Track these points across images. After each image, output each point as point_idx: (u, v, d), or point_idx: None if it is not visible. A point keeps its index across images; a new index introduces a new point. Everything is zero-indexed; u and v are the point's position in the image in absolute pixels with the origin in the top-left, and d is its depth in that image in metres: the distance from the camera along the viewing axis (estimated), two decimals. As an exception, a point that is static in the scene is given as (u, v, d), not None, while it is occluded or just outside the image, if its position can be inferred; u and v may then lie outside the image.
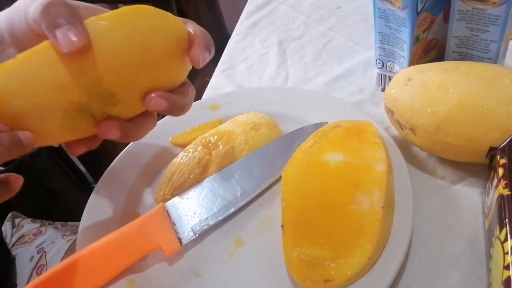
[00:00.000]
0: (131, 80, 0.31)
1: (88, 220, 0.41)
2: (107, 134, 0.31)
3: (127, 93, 0.31)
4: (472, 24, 0.41)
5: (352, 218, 0.34)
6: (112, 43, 0.29)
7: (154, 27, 0.31)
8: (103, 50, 0.29)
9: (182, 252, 0.38)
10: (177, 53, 0.32)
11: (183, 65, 0.33)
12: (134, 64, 0.30)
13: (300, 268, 0.33)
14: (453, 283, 0.33)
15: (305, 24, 0.65)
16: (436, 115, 0.37)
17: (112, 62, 0.29)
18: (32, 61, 0.28)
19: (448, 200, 0.39)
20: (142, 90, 0.32)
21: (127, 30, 0.30)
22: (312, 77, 0.56)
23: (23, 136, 0.27)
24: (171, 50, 0.32)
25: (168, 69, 0.32)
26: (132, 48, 0.30)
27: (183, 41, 0.32)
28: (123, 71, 0.30)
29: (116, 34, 0.29)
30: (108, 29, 0.29)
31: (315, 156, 0.39)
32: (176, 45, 0.32)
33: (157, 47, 0.31)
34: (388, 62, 0.48)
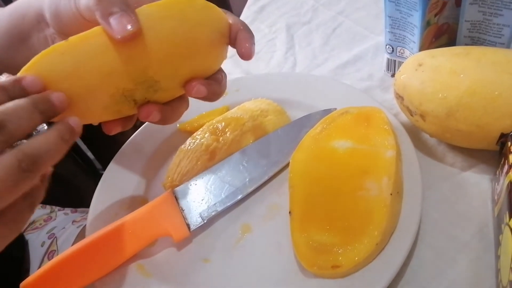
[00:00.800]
0: (174, 70, 0.32)
1: (97, 207, 0.41)
2: (149, 118, 0.33)
3: (169, 82, 0.32)
4: (485, 8, 0.41)
5: (360, 204, 0.34)
6: (160, 33, 0.30)
7: (200, 20, 0.31)
8: (152, 39, 0.29)
9: (190, 237, 0.38)
10: (219, 44, 0.33)
11: (221, 55, 0.35)
12: (179, 55, 0.31)
13: (308, 254, 0.33)
14: (461, 270, 0.33)
15: (313, 8, 0.64)
16: (447, 101, 0.36)
17: (158, 51, 0.30)
18: (84, 46, 0.29)
19: (457, 186, 0.38)
20: (183, 79, 0.33)
21: (175, 22, 0.30)
22: (321, 63, 0.55)
23: (73, 123, 0.28)
24: (214, 43, 0.33)
25: (209, 59, 0.34)
26: (178, 39, 0.30)
27: (224, 34, 0.33)
28: (168, 61, 0.31)
29: (164, 24, 0.30)
30: (157, 19, 0.30)
31: (323, 142, 0.39)
32: (219, 38, 0.33)
33: (201, 40, 0.32)
34: (398, 47, 0.47)
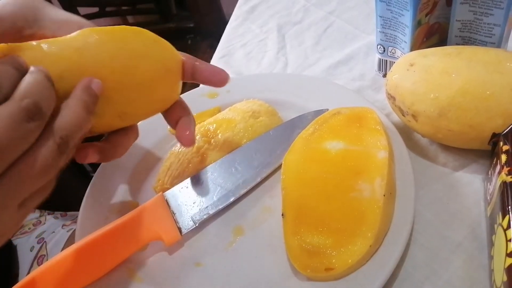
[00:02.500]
0: (109, 96, 0.30)
1: (87, 210, 0.41)
2: (86, 159, 0.32)
3: (103, 107, 0.30)
4: (475, 7, 0.41)
5: (353, 206, 0.34)
6: (96, 57, 0.29)
7: (142, 52, 0.31)
8: (86, 62, 0.29)
9: (182, 241, 0.37)
10: (163, 80, 0.32)
11: (169, 92, 0.34)
12: (115, 81, 0.30)
13: (301, 257, 0.33)
14: (455, 270, 0.33)
15: (304, 8, 0.64)
16: (439, 101, 0.36)
17: (93, 74, 0.29)
18: None
19: (449, 187, 0.38)
20: (119, 109, 0.31)
21: (114, 48, 0.29)
22: (312, 63, 0.55)
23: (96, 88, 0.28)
24: (155, 78, 0.31)
25: (152, 94, 0.32)
26: (114, 67, 0.29)
27: (172, 70, 0.33)
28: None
29: (102, 49, 0.29)
30: (97, 43, 0.29)
31: (315, 143, 0.39)
32: (163, 73, 0.32)
33: (141, 71, 0.31)
34: (390, 47, 0.47)
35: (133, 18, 1.60)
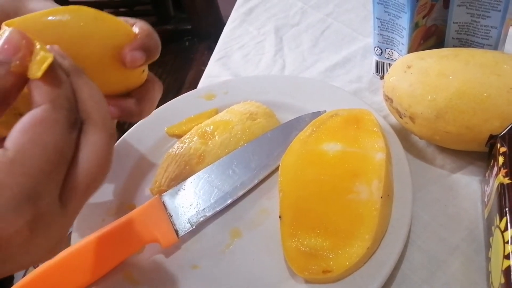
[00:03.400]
0: None
1: (84, 212, 0.40)
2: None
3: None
4: (472, 9, 0.41)
5: (351, 208, 0.34)
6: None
7: (85, 33, 0.27)
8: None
9: (179, 244, 0.37)
10: (114, 61, 0.29)
11: (126, 73, 0.30)
12: None
13: (298, 259, 0.33)
14: (452, 272, 0.33)
15: (302, 10, 0.64)
16: (436, 103, 0.36)
17: None
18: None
19: (447, 189, 0.38)
20: None
21: (55, 35, 0.26)
22: (310, 65, 0.55)
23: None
24: (104, 59, 0.29)
25: (103, 77, 0.29)
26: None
27: (122, 48, 0.29)
28: None
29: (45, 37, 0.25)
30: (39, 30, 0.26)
31: (313, 145, 0.39)
32: (111, 54, 0.29)
33: (86, 56, 0.28)
34: (387, 49, 0.47)
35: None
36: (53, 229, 0.20)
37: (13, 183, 0.18)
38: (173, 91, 1.30)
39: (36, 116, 0.19)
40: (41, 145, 0.19)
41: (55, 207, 0.19)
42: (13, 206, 0.18)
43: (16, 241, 0.18)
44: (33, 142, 0.19)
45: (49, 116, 0.19)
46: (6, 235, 0.18)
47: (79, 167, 0.20)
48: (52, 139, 0.19)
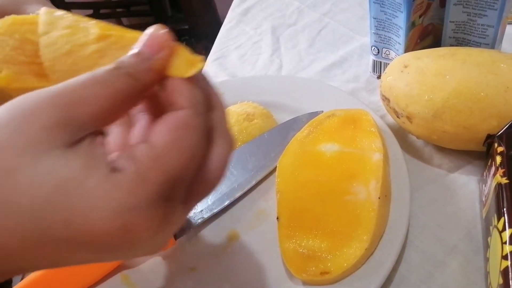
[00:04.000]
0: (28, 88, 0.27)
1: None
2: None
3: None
4: (469, 8, 0.41)
5: (348, 209, 0.34)
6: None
7: None
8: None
9: (176, 246, 0.37)
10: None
11: None
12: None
13: (296, 261, 0.33)
14: (451, 273, 0.33)
15: (299, 10, 0.64)
16: (433, 102, 0.36)
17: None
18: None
19: (445, 188, 0.38)
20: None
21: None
22: (307, 65, 0.55)
23: None
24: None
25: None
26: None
27: None
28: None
29: None
30: None
31: (310, 146, 0.39)
32: None
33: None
34: (384, 48, 0.47)
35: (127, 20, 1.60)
36: (171, 228, 0.20)
37: (155, 180, 0.18)
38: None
39: (180, 119, 0.19)
40: (183, 148, 0.19)
41: (179, 208, 0.20)
42: (151, 202, 0.18)
43: (143, 236, 0.18)
44: (176, 144, 0.19)
45: (192, 122, 0.20)
46: (138, 230, 0.18)
47: (205, 174, 0.21)
48: (191, 144, 0.19)
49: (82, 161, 0.17)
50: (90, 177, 0.17)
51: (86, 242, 0.18)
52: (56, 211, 0.17)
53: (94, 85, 0.19)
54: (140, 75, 0.20)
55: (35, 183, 0.17)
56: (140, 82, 0.20)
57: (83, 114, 0.18)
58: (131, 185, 0.17)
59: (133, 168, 0.18)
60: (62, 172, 0.17)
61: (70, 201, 0.17)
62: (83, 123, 0.18)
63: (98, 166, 0.18)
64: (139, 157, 0.18)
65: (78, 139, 0.18)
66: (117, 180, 0.17)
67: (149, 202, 0.18)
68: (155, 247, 0.21)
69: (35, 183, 0.17)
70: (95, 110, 0.18)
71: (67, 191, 0.17)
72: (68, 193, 0.17)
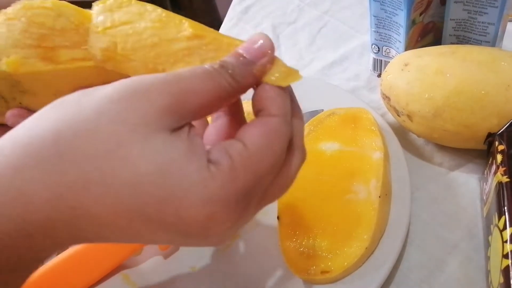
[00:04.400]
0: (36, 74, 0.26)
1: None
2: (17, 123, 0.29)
3: (33, 86, 0.27)
4: (469, 6, 0.40)
5: (349, 208, 0.34)
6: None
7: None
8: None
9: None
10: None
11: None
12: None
13: (297, 260, 0.33)
14: (452, 271, 0.33)
15: (299, 8, 0.63)
16: (433, 101, 0.36)
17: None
18: None
19: (445, 187, 0.38)
20: (54, 88, 0.27)
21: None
22: (307, 63, 0.54)
23: None
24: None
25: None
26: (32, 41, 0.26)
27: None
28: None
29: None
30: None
31: (310, 145, 0.39)
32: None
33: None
34: (384, 46, 0.46)
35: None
36: (242, 224, 0.21)
37: (246, 178, 0.19)
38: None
39: (273, 125, 0.21)
40: (272, 153, 0.20)
41: (253, 207, 0.21)
42: (238, 198, 0.19)
43: (221, 228, 0.19)
44: (268, 148, 0.20)
45: (281, 129, 0.21)
46: (220, 221, 0.19)
47: (281, 180, 0.22)
48: (278, 150, 0.21)
49: (185, 146, 0.18)
50: (191, 163, 0.18)
51: (171, 224, 0.18)
52: (155, 190, 0.18)
53: (204, 79, 0.20)
54: (241, 78, 0.21)
55: (142, 160, 0.17)
56: (240, 84, 0.21)
57: (191, 103, 0.19)
58: (224, 178, 0.18)
59: (228, 163, 0.19)
60: (168, 153, 0.18)
61: (170, 182, 0.18)
62: (188, 112, 0.19)
63: (199, 154, 0.19)
64: (234, 154, 0.19)
65: (180, 126, 0.19)
66: (213, 171, 0.18)
67: (236, 198, 0.19)
68: (223, 240, 0.21)
69: (142, 160, 0.17)
70: (201, 102, 0.19)
71: (168, 173, 0.18)
72: (169, 175, 0.18)
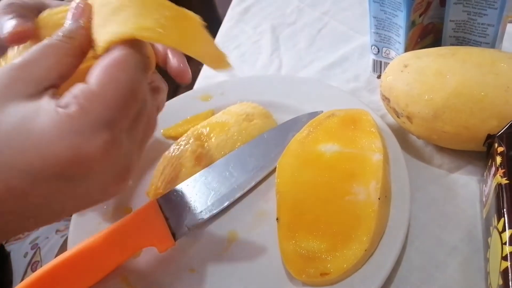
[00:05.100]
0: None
1: (80, 216, 0.40)
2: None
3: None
4: (469, 7, 0.40)
5: (348, 209, 0.34)
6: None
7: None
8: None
9: (176, 247, 0.37)
10: None
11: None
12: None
13: (296, 262, 0.33)
14: (451, 273, 0.33)
15: (298, 9, 0.63)
16: (433, 102, 0.36)
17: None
18: None
19: (445, 188, 0.38)
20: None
21: None
22: (307, 64, 0.54)
23: None
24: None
25: None
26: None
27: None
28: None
29: None
30: None
31: (310, 146, 0.39)
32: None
33: None
34: (384, 48, 0.46)
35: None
36: (121, 154, 0.24)
37: (95, 111, 0.22)
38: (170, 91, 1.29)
39: (115, 58, 0.23)
40: (117, 83, 0.23)
41: (124, 135, 0.24)
42: (93, 128, 0.22)
43: (93, 158, 0.22)
44: (111, 80, 0.23)
45: (127, 59, 0.23)
46: (85, 152, 0.22)
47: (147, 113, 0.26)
48: (126, 79, 0.23)
49: (35, 105, 0.22)
50: (40, 114, 0.22)
51: (42, 168, 0.21)
52: (13, 143, 0.21)
53: (43, 47, 0.24)
54: (71, 33, 0.25)
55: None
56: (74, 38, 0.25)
57: (38, 67, 0.23)
58: (73, 115, 0.22)
59: (74, 102, 0.22)
60: (19, 112, 0.22)
61: (26, 134, 0.21)
62: (39, 75, 0.23)
63: (47, 106, 0.22)
64: (78, 94, 0.22)
65: (40, 91, 0.23)
66: (62, 113, 0.22)
67: (91, 128, 0.22)
68: (110, 175, 0.24)
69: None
70: (47, 64, 0.24)
71: (22, 127, 0.22)
72: (22, 128, 0.21)
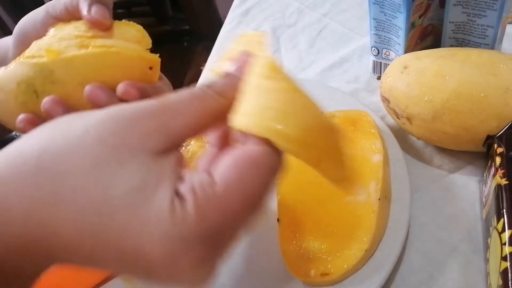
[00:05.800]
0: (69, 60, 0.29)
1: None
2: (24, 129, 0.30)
3: (63, 74, 0.29)
4: (468, 9, 0.40)
5: (349, 210, 0.34)
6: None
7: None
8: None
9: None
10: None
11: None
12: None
13: (296, 263, 0.33)
14: (451, 274, 0.33)
15: (298, 10, 0.64)
16: (433, 103, 0.36)
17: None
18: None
19: (445, 189, 0.38)
20: (81, 76, 0.30)
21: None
22: (307, 66, 0.55)
23: None
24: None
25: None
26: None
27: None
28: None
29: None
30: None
31: (310, 147, 0.39)
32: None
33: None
34: (384, 49, 0.47)
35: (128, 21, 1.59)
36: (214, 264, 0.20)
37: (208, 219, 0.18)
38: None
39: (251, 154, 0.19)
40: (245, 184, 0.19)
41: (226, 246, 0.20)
42: (199, 239, 0.18)
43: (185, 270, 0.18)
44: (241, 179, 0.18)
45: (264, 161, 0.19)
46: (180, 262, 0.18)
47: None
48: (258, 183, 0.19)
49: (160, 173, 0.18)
50: (157, 193, 0.18)
51: (130, 255, 0.18)
52: (118, 215, 0.17)
53: (189, 98, 0.20)
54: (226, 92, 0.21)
55: (113, 182, 0.17)
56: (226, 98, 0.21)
57: (176, 123, 0.19)
58: (186, 218, 0.17)
59: (192, 200, 0.18)
60: (139, 179, 0.18)
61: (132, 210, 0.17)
62: (174, 131, 0.19)
63: (168, 183, 0.18)
64: (198, 191, 0.18)
65: (167, 149, 0.19)
66: (177, 209, 0.17)
67: (199, 239, 0.18)
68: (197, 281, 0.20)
69: (113, 181, 0.17)
70: (186, 121, 0.19)
71: (134, 199, 0.17)
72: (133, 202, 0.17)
